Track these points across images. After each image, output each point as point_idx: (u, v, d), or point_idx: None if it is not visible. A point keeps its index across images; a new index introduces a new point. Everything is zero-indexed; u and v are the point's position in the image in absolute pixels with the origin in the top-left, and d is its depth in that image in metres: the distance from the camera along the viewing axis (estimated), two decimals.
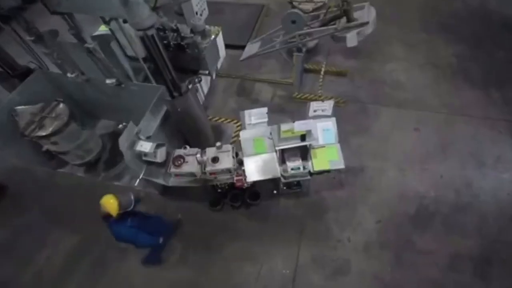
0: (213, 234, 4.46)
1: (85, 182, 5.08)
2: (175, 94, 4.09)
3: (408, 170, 4.75)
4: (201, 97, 5.69)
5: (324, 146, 3.76)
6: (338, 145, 3.77)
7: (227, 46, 7.16)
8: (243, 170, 3.82)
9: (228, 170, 3.89)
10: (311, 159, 3.72)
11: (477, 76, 5.97)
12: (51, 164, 5.06)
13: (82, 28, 3.64)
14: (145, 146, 3.76)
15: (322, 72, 6.21)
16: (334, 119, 3.78)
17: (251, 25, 7.65)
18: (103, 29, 4.81)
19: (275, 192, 4.55)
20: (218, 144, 3.89)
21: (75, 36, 3.70)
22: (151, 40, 3.27)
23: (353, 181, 4.72)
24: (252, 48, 5.83)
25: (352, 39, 4.35)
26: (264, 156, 3.80)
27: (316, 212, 4.51)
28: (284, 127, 3.10)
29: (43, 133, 4.11)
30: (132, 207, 3.52)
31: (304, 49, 5.05)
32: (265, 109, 3.60)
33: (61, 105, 4.59)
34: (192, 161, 3.77)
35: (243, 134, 3.79)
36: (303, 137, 3.21)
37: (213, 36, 5.24)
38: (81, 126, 4.75)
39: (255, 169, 3.76)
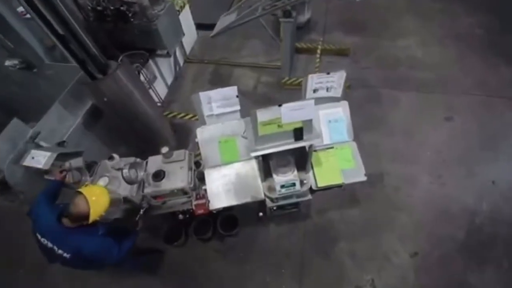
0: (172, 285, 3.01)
1: None
2: (98, 75, 2.62)
3: (447, 176, 3.39)
4: (158, 86, 4.24)
5: (332, 147, 2.38)
6: (354, 145, 2.39)
7: (199, 26, 5.74)
8: (205, 190, 2.39)
9: (182, 191, 2.46)
10: (312, 169, 2.33)
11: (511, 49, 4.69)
12: None
13: None
14: (40, 158, 2.29)
15: (318, 51, 4.83)
16: (346, 103, 2.39)
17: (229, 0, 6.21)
18: None
19: (261, 214, 3.04)
20: (164, 149, 2.45)
21: None
22: None
23: (371, 194, 3.33)
24: (225, 21, 4.41)
25: None
26: (238, 166, 2.39)
27: (321, 243, 3.11)
28: (263, 115, 1.69)
29: None
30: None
31: (294, 13, 3.66)
32: (234, 89, 2.18)
33: None
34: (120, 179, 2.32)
35: (200, 133, 2.36)
36: (298, 133, 1.82)
37: (169, 3, 3.79)
38: None
39: (222, 189, 2.33)
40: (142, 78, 3.64)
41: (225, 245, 3.21)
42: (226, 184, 2.34)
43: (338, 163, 2.33)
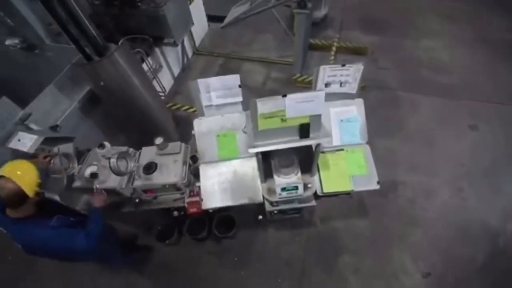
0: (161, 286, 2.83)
1: None
2: (95, 57, 2.46)
3: (469, 190, 3.06)
4: (163, 77, 4.07)
5: (342, 149, 2.12)
6: (367, 148, 2.13)
7: (211, 18, 5.57)
8: (199, 188, 2.19)
9: (175, 187, 2.26)
10: (318, 172, 2.08)
11: None
12: None
13: None
14: (26, 141, 2.15)
15: (333, 49, 4.56)
16: (361, 101, 2.13)
17: None
18: None
19: (260, 217, 2.82)
20: (158, 140, 2.26)
21: None
22: None
23: (382, 204, 3.05)
24: (236, 12, 4.21)
25: None
26: (236, 163, 2.17)
27: (323, 254, 2.85)
28: (265, 106, 1.45)
29: None
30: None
31: (309, 4, 3.41)
32: (236, 78, 1.96)
33: None
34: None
35: (198, 125, 2.16)
36: (304, 130, 1.59)
37: None
38: None
39: (218, 187, 2.12)
40: (145, 67, 3.47)
41: (221, 247, 3.00)
42: (222, 183, 2.13)
43: (348, 167, 2.08)
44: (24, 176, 1.61)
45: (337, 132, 2.13)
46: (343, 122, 2.13)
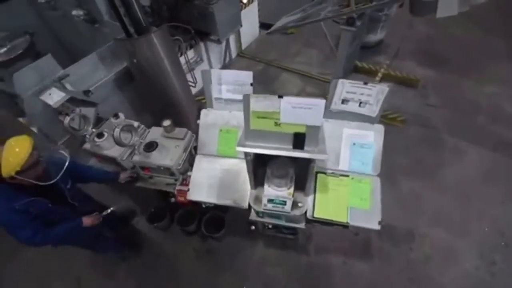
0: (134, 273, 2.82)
1: None
2: (133, 34, 2.62)
3: (502, 266, 2.51)
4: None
5: (347, 176, 1.90)
6: (376, 181, 1.87)
7: (263, 26, 5.67)
8: (189, 177, 2.14)
9: (169, 171, 2.26)
10: (314, 193, 1.88)
11: None
12: None
13: None
14: (54, 96, 2.34)
15: (379, 75, 4.26)
16: (381, 128, 1.89)
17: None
18: None
19: (253, 227, 2.67)
20: (166, 122, 2.29)
21: None
22: None
23: (390, 253, 2.67)
24: (285, 20, 4.19)
25: (448, 4, 2.43)
26: (232, 163, 2.08)
27: (308, 287, 2.57)
28: (259, 104, 1.34)
29: None
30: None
31: (358, 23, 3.23)
32: (249, 75, 1.90)
33: (24, 38, 3.50)
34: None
35: (205, 116, 2.13)
36: (298, 140, 1.43)
37: None
38: None
39: (206, 181, 2.05)
40: (183, 60, 3.57)
41: (205, 246, 2.90)
42: (211, 178, 2.05)
43: (348, 197, 1.84)
44: (8, 157, 1.52)
45: (346, 156, 1.91)
46: (355, 146, 1.91)
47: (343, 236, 2.76)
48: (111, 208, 2.23)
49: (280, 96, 1.33)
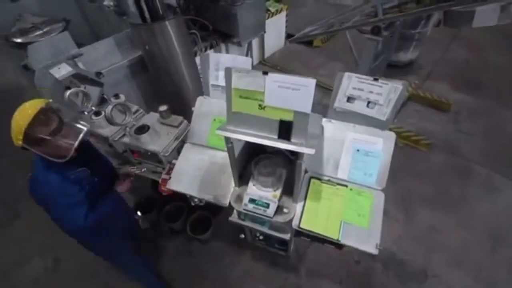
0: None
1: None
2: (149, 20, 2.63)
3: None
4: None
5: (345, 186, 1.63)
6: (380, 197, 1.58)
7: (289, 37, 5.63)
8: (173, 165, 2.00)
9: (157, 158, 2.13)
10: (304, 199, 1.63)
11: None
12: None
13: None
14: (60, 71, 2.36)
15: (407, 94, 3.94)
16: (392, 135, 1.62)
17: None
18: None
19: (242, 236, 2.44)
20: (162, 107, 2.20)
21: None
22: None
23: None
24: (309, 29, 4.09)
25: (486, 14, 2.15)
26: (221, 155, 1.90)
27: None
28: (241, 80, 1.16)
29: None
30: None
31: (385, 33, 3.01)
32: (247, 61, 1.74)
33: (60, 24, 3.73)
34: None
35: (200, 103, 2.00)
36: (284, 128, 1.23)
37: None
38: None
39: (189, 172, 1.88)
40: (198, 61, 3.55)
41: (189, 247, 2.69)
42: (197, 169, 1.88)
43: (343, 210, 1.57)
44: (18, 120, 1.33)
45: (347, 163, 1.66)
46: (359, 153, 1.65)
47: (341, 262, 2.43)
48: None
49: (265, 73, 1.15)
